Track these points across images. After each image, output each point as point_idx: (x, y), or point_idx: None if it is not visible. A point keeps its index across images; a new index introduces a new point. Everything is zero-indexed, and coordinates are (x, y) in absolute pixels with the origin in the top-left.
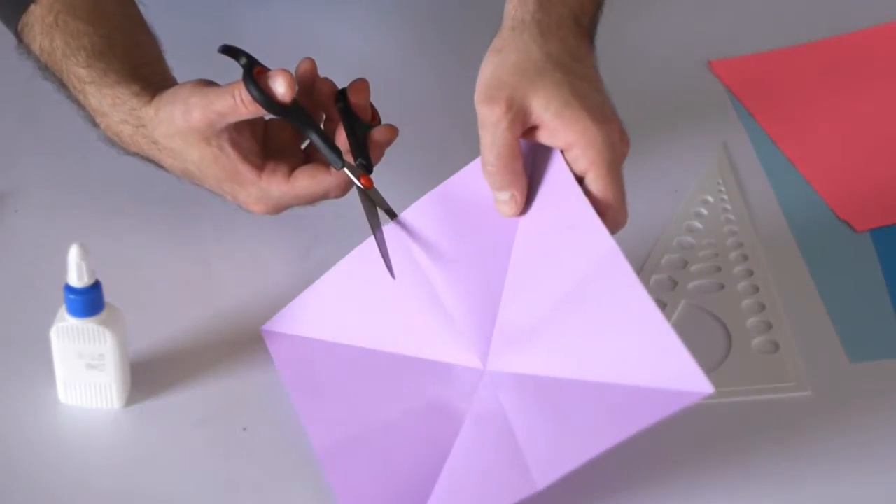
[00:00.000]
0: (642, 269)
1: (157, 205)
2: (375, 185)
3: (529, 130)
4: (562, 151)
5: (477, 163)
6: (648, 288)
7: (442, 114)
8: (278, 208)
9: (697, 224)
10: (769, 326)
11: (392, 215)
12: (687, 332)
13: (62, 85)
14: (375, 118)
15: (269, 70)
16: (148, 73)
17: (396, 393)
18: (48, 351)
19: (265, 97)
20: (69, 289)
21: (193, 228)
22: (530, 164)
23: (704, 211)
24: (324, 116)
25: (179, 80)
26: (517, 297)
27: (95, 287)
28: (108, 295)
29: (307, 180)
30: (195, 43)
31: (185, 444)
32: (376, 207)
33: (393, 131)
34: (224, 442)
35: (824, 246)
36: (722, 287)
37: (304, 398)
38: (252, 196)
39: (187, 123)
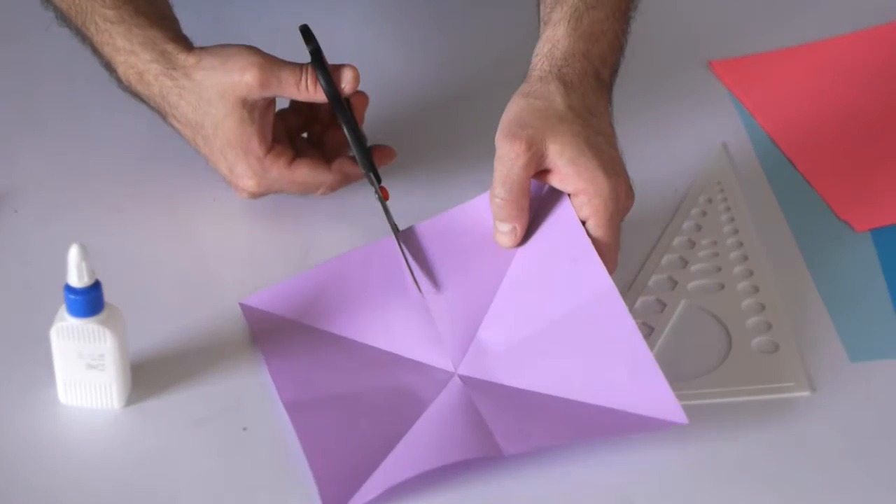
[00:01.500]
0: (642, 268)
1: (157, 205)
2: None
3: (542, 173)
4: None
5: (484, 196)
6: (648, 288)
7: (439, 112)
8: (268, 190)
9: (697, 224)
10: (769, 326)
11: (395, 229)
12: (687, 332)
13: (79, 31)
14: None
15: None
16: (174, 26)
17: (367, 374)
18: (48, 351)
19: (330, 86)
20: (69, 289)
21: (193, 228)
22: (536, 202)
23: (705, 211)
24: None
25: None
26: (502, 317)
27: (95, 287)
28: (108, 295)
29: (307, 170)
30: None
31: (185, 444)
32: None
33: (393, 154)
34: (224, 442)
35: (824, 246)
36: (722, 287)
37: (276, 361)
38: (250, 170)
39: (237, 78)
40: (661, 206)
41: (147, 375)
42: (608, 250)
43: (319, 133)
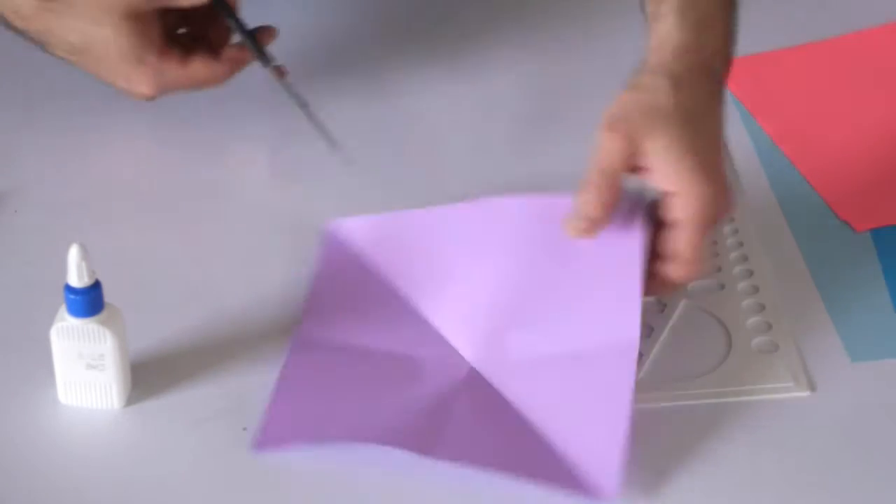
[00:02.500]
0: None
1: (157, 204)
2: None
3: (638, 169)
4: (658, 198)
5: (546, 200)
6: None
7: (427, 96)
8: (164, 91)
9: None
10: (769, 326)
11: (303, 104)
12: (687, 332)
13: None
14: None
15: None
16: None
17: (391, 331)
18: (48, 351)
19: None
20: (69, 289)
21: (193, 228)
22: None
23: None
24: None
25: None
26: (534, 327)
27: (95, 287)
28: (108, 295)
29: (201, 65)
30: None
31: (185, 444)
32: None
33: (275, 31)
34: (224, 442)
35: (824, 246)
36: (722, 287)
37: (317, 298)
38: (145, 76)
39: None
40: None
41: (147, 375)
42: (690, 257)
43: (198, 31)
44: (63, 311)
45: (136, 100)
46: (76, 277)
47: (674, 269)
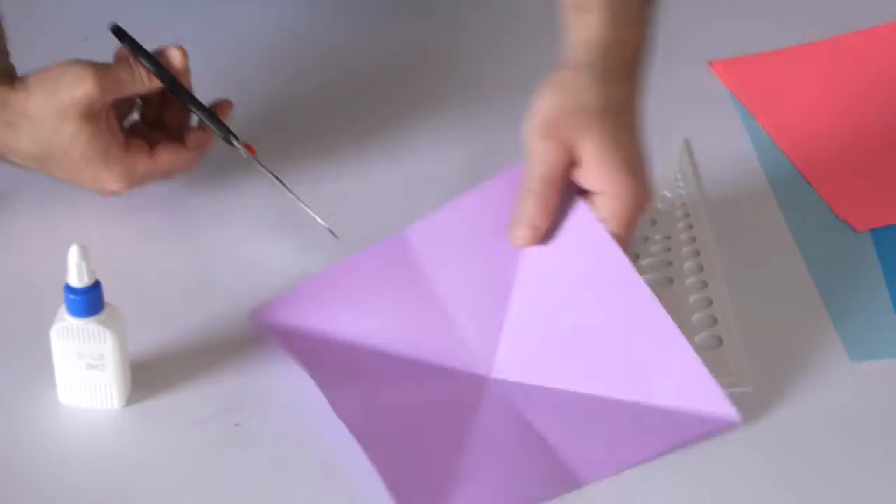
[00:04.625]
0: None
1: (157, 204)
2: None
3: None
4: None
5: (493, 184)
6: None
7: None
8: (137, 183)
9: (653, 219)
10: (714, 321)
11: (278, 179)
12: None
13: None
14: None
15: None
16: (4, 63)
17: (407, 384)
18: (48, 351)
19: (162, 70)
20: (69, 289)
21: (193, 228)
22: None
23: (660, 206)
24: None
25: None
26: (527, 316)
27: (95, 287)
28: (108, 295)
29: (169, 155)
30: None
31: (185, 444)
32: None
33: (231, 104)
34: (224, 442)
35: (824, 246)
36: (671, 281)
37: (321, 377)
38: (115, 174)
39: (76, 94)
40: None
41: (147, 375)
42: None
43: (153, 116)
44: (63, 311)
45: (107, 197)
46: (76, 277)
47: None
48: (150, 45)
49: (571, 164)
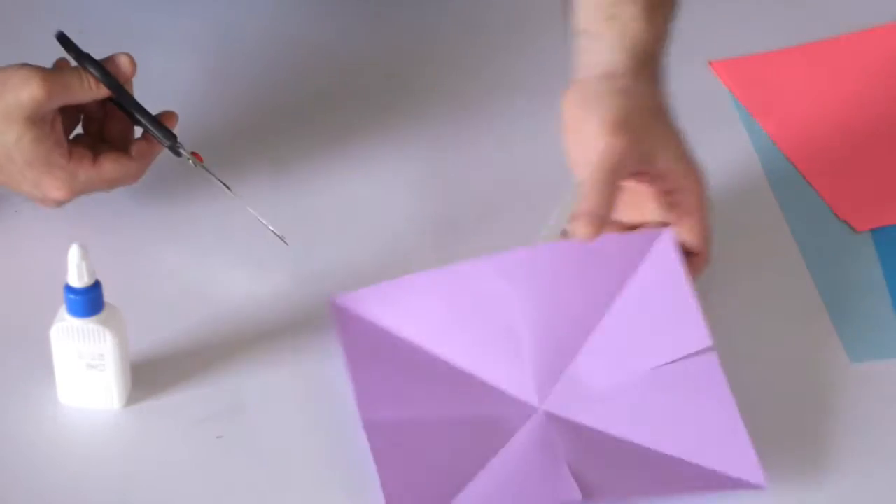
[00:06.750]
0: None
1: (157, 204)
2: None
3: (638, 174)
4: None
5: (570, 243)
6: None
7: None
8: (79, 193)
9: None
10: None
11: (227, 186)
12: None
13: None
14: None
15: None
16: None
17: (451, 399)
18: (48, 351)
19: (109, 78)
20: (69, 289)
21: (193, 228)
22: (636, 245)
23: None
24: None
25: (186, 78)
26: (597, 358)
27: (95, 287)
28: (108, 295)
29: (113, 164)
30: (195, 41)
31: (185, 444)
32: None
33: (175, 115)
34: (224, 442)
35: (824, 246)
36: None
37: (360, 373)
38: (58, 180)
39: (23, 96)
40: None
41: (147, 375)
42: (704, 248)
43: (96, 129)
44: (63, 311)
45: (46, 206)
46: (76, 277)
47: (694, 262)
48: (143, 44)
49: (638, 162)
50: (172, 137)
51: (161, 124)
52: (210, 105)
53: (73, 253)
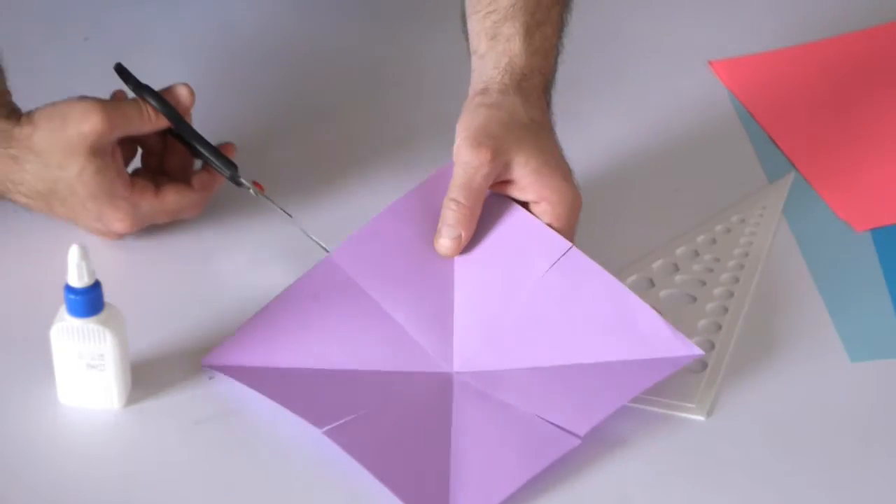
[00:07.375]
0: (630, 265)
1: None
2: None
3: (500, 184)
4: (523, 205)
5: (424, 186)
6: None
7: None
8: (140, 226)
9: (714, 238)
10: (712, 346)
11: (289, 215)
12: None
13: None
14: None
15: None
16: (3, 98)
17: (376, 391)
18: (48, 351)
19: (169, 109)
20: (69, 289)
21: (193, 228)
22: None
23: (730, 228)
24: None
25: (186, 79)
26: (472, 307)
27: (95, 287)
28: (108, 295)
29: (176, 196)
30: (194, 43)
31: (185, 444)
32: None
33: (234, 146)
34: (223, 442)
35: (824, 246)
36: (694, 300)
37: (288, 399)
38: (120, 212)
39: (85, 129)
40: (660, 205)
41: (147, 375)
42: None
43: (156, 163)
44: (63, 311)
45: (108, 239)
46: (76, 277)
47: None
48: (140, 49)
49: (499, 173)
50: (233, 167)
51: (221, 154)
52: (218, 109)
53: (73, 253)
